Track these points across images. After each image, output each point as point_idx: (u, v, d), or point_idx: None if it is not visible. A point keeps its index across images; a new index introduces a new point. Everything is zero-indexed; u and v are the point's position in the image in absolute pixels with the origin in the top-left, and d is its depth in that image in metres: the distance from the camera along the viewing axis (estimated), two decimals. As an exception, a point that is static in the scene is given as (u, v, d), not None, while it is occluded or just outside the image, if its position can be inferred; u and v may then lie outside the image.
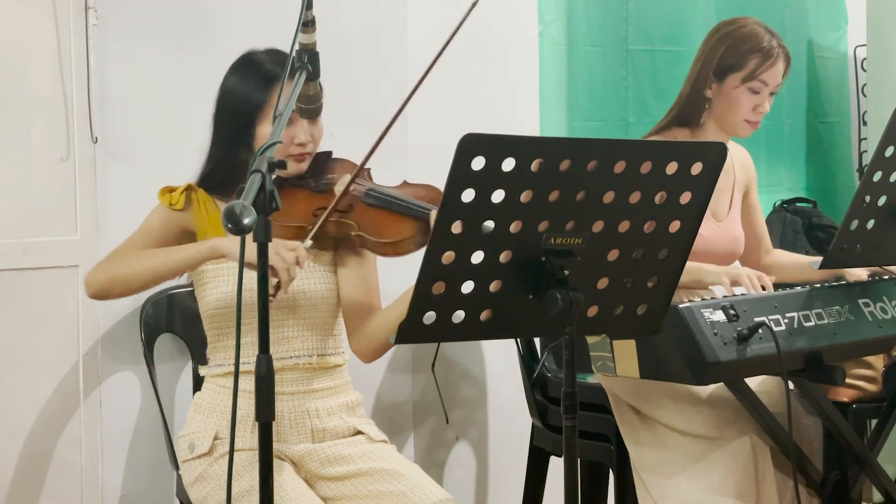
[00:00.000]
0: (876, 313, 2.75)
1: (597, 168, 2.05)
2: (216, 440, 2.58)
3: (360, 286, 2.66)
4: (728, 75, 3.01)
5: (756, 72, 2.98)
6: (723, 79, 3.01)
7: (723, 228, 3.08)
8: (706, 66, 3.03)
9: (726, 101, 3.02)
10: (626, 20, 4.09)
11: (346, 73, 3.37)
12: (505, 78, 3.84)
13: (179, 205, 2.64)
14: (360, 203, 2.60)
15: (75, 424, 3.04)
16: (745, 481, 2.74)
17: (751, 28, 3.03)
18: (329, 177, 2.66)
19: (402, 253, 2.54)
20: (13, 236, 2.94)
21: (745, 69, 2.99)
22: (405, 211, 2.57)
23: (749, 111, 3.01)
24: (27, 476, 2.99)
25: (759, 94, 3.01)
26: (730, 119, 3.03)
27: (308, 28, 2.26)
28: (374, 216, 2.57)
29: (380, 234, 2.53)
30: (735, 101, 3.01)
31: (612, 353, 2.63)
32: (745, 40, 3.01)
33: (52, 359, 3.00)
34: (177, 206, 2.64)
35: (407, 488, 2.54)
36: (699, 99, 3.04)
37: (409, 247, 2.54)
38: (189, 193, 2.65)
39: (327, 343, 2.66)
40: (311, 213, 2.57)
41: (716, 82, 3.02)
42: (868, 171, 2.64)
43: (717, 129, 3.06)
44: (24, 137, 2.95)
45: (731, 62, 3.00)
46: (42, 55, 2.97)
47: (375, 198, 2.60)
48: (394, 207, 2.58)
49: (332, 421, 2.64)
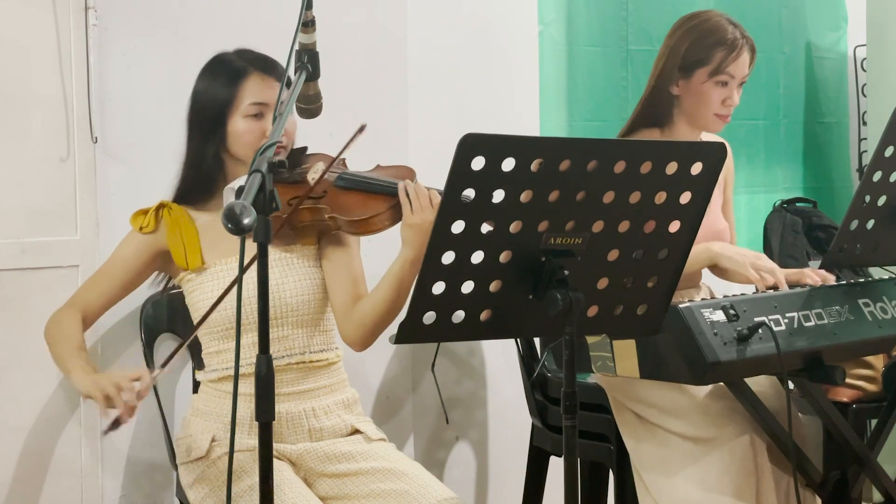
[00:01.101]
0: (876, 313, 2.75)
1: (597, 168, 2.05)
2: (213, 443, 2.58)
3: (346, 277, 2.67)
4: (695, 70, 2.98)
5: (722, 65, 2.96)
6: (689, 74, 2.98)
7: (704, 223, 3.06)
8: (671, 63, 2.99)
9: (695, 97, 2.99)
10: (626, 20, 4.09)
11: (345, 73, 3.37)
12: (505, 78, 3.84)
13: (150, 227, 2.67)
14: (332, 188, 2.65)
15: (75, 424, 3.04)
16: (744, 480, 2.74)
17: (714, 21, 2.99)
18: (303, 167, 2.69)
19: (375, 229, 2.58)
20: (13, 236, 2.94)
21: (712, 63, 2.96)
22: (374, 189, 2.61)
23: (718, 105, 2.99)
24: (27, 476, 2.98)
25: (727, 87, 2.98)
26: (700, 114, 3.00)
27: (308, 28, 2.26)
28: (346, 198, 2.62)
29: (350, 213, 2.58)
30: (704, 95, 2.98)
31: (612, 353, 2.63)
32: (708, 34, 2.97)
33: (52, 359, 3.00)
34: (147, 230, 2.67)
35: (411, 487, 2.54)
36: (665, 96, 3.01)
37: (381, 222, 2.58)
38: (159, 213, 2.67)
39: (318, 339, 2.66)
40: (285, 203, 2.59)
41: (682, 78, 2.99)
42: (868, 171, 2.64)
43: (687, 126, 3.03)
44: (24, 137, 2.95)
45: (697, 57, 2.97)
46: (42, 55, 2.97)
47: (346, 180, 2.65)
48: (363, 187, 2.63)
49: (329, 420, 2.64)
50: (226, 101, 2.62)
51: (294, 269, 2.64)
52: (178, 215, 2.67)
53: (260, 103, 2.62)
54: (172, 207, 2.68)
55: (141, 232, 2.67)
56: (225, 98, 2.62)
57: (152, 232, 2.67)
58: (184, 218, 2.67)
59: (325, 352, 2.67)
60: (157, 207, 2.68)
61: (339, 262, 2.68)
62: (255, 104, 2.62)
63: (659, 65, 3.02)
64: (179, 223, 2.66)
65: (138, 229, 2.68)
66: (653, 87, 3.03)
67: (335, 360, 2.70)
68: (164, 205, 2.69)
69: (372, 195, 2.61)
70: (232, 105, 2.62)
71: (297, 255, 2.66)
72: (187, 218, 2.67)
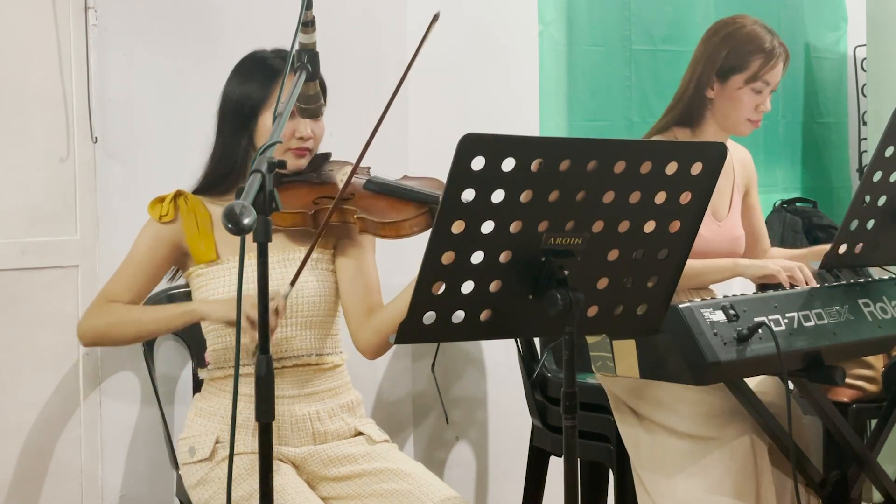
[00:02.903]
0: (876, 313, 2.75)
1: (597, 168, 2.05)
2: (217, 444, 2.58)
3: (361, 285, 2.66)
4: (731, 76, 3.02)
5: (759, 73, 3.01)
6: (726, 79, 3.03)
7: (723, 228, 3.08)
8: (709, 67, 3.04)
9: (729, 102, 3.04)
10: (628, 20, 4.10)
11: (346, 73, 3.37)
12: (505, 78, 3.84)
13: (169, 216, 2.63)
14: (361, 191, 2.63)
15: (75, 424, 3.04)
16: (744, 480, 2.74)
17: (751, 28, 3.04)
18: (328, 170, 2.68)
19: (404, 234, 2.56)
20: (13, 236, 2.94)
21: (749, 70, 3.01)
22: (406, 195, 2.60)
23: (751, 110, 3.04)
24: (27, 476, 2.99)
25: (761, 94, 3.03)
26: (732, 118, 3.05)
27: (308, 28, 2.26)
28: (375, 201, 2.60)
29: (381, 215, 2.56)
30: (738, 101, 3.03)
31: (612, 353, 2.63)
32: (747, 41, 3.02)
33: (52, 359, 3.00)
34: (166, 218, 2.63)
35: (413, 487, 2.54)
36: (701, 99, 3.06)
37: (410, 228, 2.56)
38: (176, 201, 2.65)
39: (326, 343, 2.66)
40: (311, 202, 2.58)
41: (718, 83, 3.03)
42: (868, 171, 2.64)
43: (717, 128, 3.07)
44: (24, 137, 2.95)
45: (735, 63, 3.02)
46: (42, 55, 2.97)
47: (377, 184, 2.63)
48: (395, 193, 2.61)
49: (333, 423, 2.64)
50: (260, 98, 2.61)
51: (307, 271, 2.62)
52: (194, 205, 2.65)
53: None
54: (189, 197, 2.66)
55: (160, 221, 2.63)
56: (260, 96, 2.61)
57: (171, 221, 2.64)
58: (200, 208, 2.65)
59: (331, 355, 2.67)
60: (174, 196, 2.65)
61: (354, 269, 2.67)
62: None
63: (697, 69, 3.07)
64: (196, 213, 2.64)
65: (158, 219, 2.63)
66: (690, 89, 3.06)
67: (340, 364, 2.69)
68: (181, 193, 2.66)
69: (402, 201, 2.59)
70: (266, 102, 2.61)
71: (313, 258, 2.65)
72: (203, 209, 2.65)
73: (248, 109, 2.62)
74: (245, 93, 2.63)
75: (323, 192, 2.62)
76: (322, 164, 2.71)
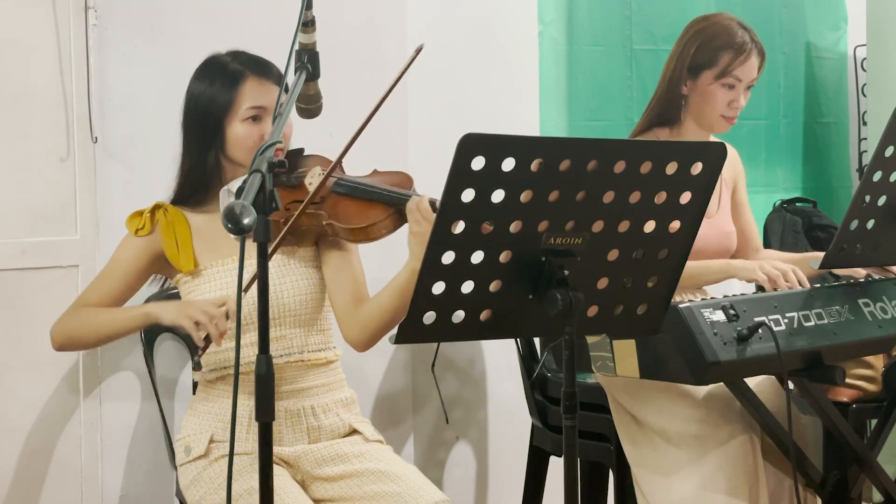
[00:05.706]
0: (876, 313, 2.75)
1: (597, 168, 2.04)
2: (212, 443, 2.58)
3: (347, 279, 2.66)
4: (701, 72, 3.02)
5: (729, 68, 2.99)
6: (697, 76, 3.02)
7: (713, 224, 3.08)
8: (680, 64, 3.04)
9: (701, 98, 3.03)
10: (629, 20, 4.09)
11: (345, 73, 3.37)
12: (505, 78, 3.84)
13: (146, 229, 2.65)
14: (331, 193, 2.63)
15: (75, 424, 3.04)
16: (738, 478, 2.74)
17: (723, 24, 3.03)
18: (300, 171, 2.68)
19: (374, 238, 2.57)
20: (13, 236, 2.94)
21: (718, 66, 3.00)
22: (373, 196, 2.59)
23: (724, 107, 3.02)
24: (27, 476, 2.99)
25: (733, 90, 3.02)
26: (706, 115, 3.04)
27: (308, 28, 2.26)
28: (344, 204, 2.60)
29: (348, 220, 2.56)
30: (710, 97, 3.02)
31: (612, 353, 2.63)
32: (717, 36, 3.01)
33: (52, 359, 3.00)
34: (143, 232, 2.65)
35: (403, 489, 2.53)
36: (676, 97, 3.05)
37: (378, 231, 2.56)
38: (154, 215, 2.66)
39: (316, 339, 2.66)
40: (283, 208, 2.58)
41: (690, 79, 3.03)
42: (868, 171, 2.64)
43: (695, 126, 3.07)
44: (24, 137, 2.95)
45: (704, 59, 3.01)
46: (42, 55, 2.97)
47: (344, 186, 2.62)
48: (362, 195, 2.60)
49: (328, 418, 2.64)
50: (224, 106, 2.61)
51: (292, 271, 2.64)
52: (173, 217, 2.66)
53: (258, 107, 2.61)
54: (168, 209, 2.67)
55: (137, 235, 2.66)
56: (223, 103, 2.61)
57: (148, 234, 2.66)
58: (178, 219, 2.66)
59: (322, 351, 2.67)
60: (152, 209, 2.67)
61: (339, 264, 2.67)
62: (253, 108, 2.61)
63: (670, 65, 3.07)
64: (174, 225, 2.65)
65: (134, 232, 2.66)
66: (663, 87, 3.06)
67: (333, 359, 2.70)
68: (160, 206, 2.67)
69: (370, 203, 2.58)
70: (230, 110, 2.61)
71: (296, 257, 2.66)
72: (182, 219, 2.66)
73: (213, 117, 2.62)
74: (207, 101, 2.62)
75: (294, 195, 2.62)
76: (295, 163, 2.70)
